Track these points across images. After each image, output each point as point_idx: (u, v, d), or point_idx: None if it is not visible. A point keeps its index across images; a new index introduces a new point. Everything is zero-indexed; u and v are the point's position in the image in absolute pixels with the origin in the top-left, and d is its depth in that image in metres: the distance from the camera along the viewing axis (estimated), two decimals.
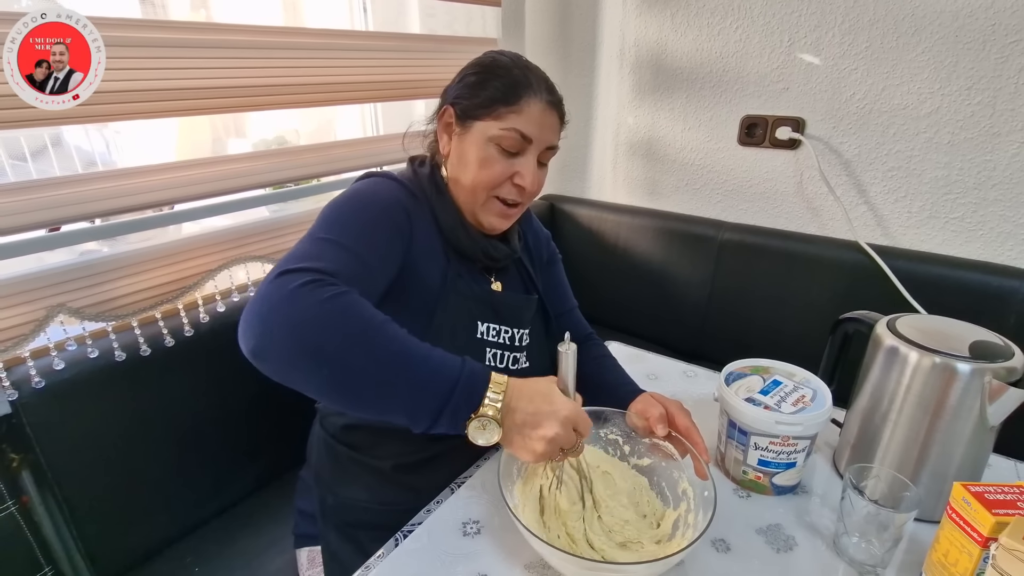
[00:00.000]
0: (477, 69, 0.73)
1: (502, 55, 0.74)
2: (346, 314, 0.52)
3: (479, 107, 0.71)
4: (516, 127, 0.70)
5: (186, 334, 0.91)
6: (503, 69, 0.72)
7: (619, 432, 0.74)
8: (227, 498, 1.00)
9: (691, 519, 0.62)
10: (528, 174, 0.72)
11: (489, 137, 0.70)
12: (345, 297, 0.53)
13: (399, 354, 0.53)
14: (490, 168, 0.71)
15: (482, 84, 0.71)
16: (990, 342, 0.65)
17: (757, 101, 1.41)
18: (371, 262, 0.62)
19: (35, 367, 0.76)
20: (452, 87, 0.76)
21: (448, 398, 0.52)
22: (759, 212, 1.49)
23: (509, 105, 0.70)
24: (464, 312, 0.75)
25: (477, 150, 0.71)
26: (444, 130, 0.76)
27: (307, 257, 0.57)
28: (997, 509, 0.51)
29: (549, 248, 0.97)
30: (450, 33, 1.71)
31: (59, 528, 0.80)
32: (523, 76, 0.71)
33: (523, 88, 0.70)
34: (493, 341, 0.77)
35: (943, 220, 1.25)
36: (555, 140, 0.75)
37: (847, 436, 0.76)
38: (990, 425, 0.63)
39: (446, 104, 0.75)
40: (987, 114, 1.14)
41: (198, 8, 2.37)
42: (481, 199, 0.73)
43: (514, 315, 0.80)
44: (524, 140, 0.70)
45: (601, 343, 0.97)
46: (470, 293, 0.76)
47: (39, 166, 2.37)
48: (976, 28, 1.11)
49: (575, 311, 0.98)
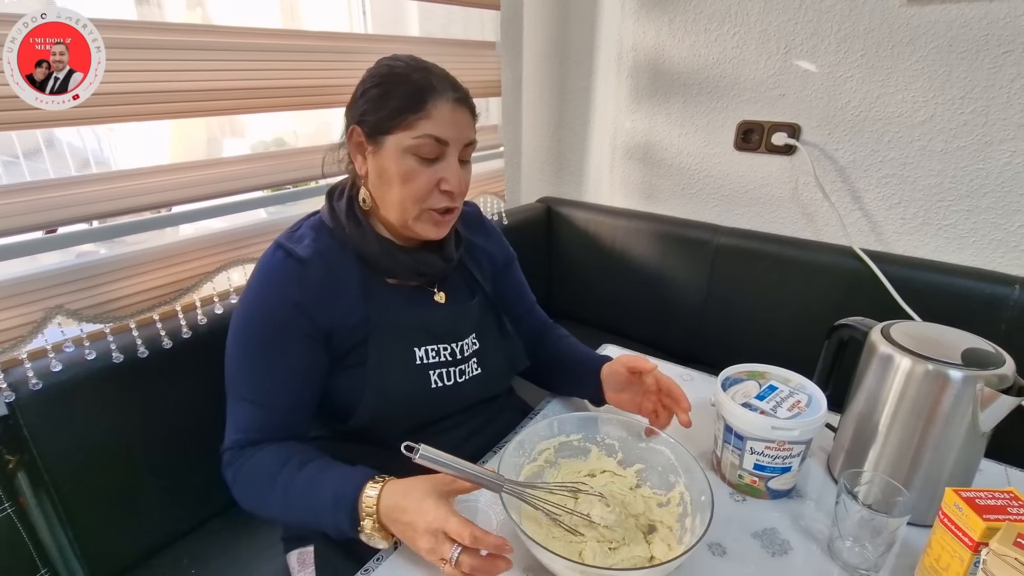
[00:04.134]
0: (376, 81, 0.70)
1: (396, 60, 0.72)
2: (250, 490, 0.69)
3: (386, 120, 0.68)
4: (429, 132, 0.68)
5: (184, 336, 0.90)
6: (401, 77, 0.69)
7: (614, 436, 0.75)
8: (224, 500, 1.00)
9: (688, 523, 0.63)
10: (453, 177, 0.70)
11: (404, 149, 0.68)
12: (247, 473, 0.68)
13: (289, 507, 0.66)
14: (413, 181, 0.69)
15: (384, 96, 0.68)
16: (982, 350, 0.66)
17: (753, 107, 1.42)
18: (278, 401, 0.71)
19: (32, 369, 0.76)
20: (354, 105, 0.73)
21: (333, 526, 0.62)
22: (755, 217, 1.51)
23: (417, 112, 0.67)
24: (397, 346, 0.75)
25: (395, 165, 0.69)
26: (356, 150, 0.73)
27: (231, 429, 0.71)
28: (988, 514, 0.52)
29: (503, 250, 0.95)
30: (449, 36, 1.71)
31: (55, 530, 0.80)
32: (424, 79, 0.69)
33: (427, 91, 0.68)
34: (434, 362, 0.77)
35: (936, 227, 1.26)
36: (471, 135, 0.72)
37: (842, 441, 0.76)
38: (981, 431, 0.64)
39: (352, 124, 0.72)
40: (980, 123, 1.15)
41: (194, 7, 2.36)
42: (413, 213, 0.72)
43: (451, 330, 0.79)
44: (440, 144, 0.69)
45: (562, 329, 0.99)
46: (402, 321, 0.75)
47: (32, 164, 2.35)
48: (969, 38, 1.12)
49: (535, 307, 0.99)
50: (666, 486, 0.70)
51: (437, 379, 0.77)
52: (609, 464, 0.74)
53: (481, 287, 0.86)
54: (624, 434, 0.75)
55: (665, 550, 0.61)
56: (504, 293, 0.93)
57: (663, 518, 0.66)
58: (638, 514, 0.67)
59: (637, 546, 0.62)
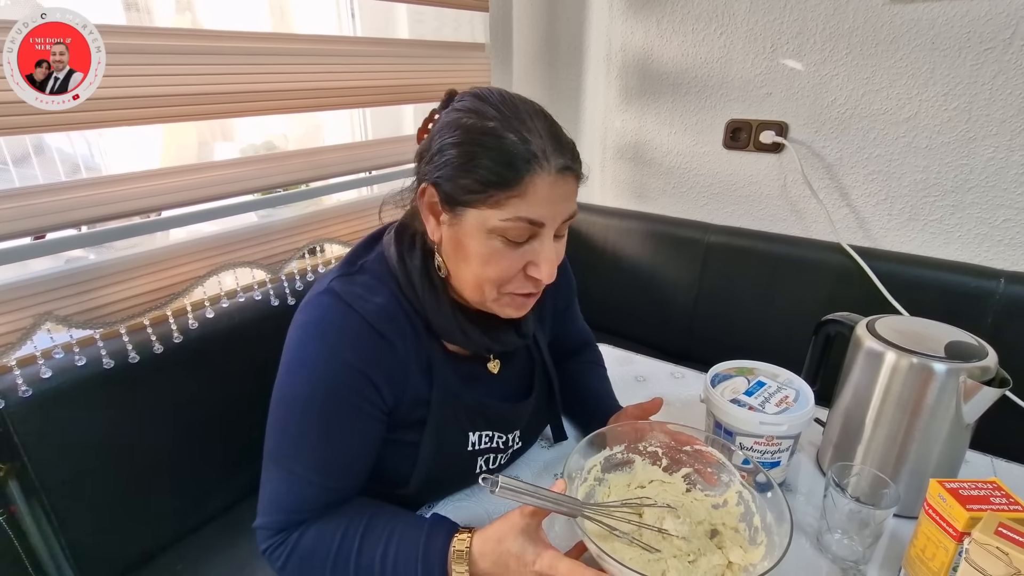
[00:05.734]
0: (459, 138, 0.56)
1: (485, 104, 0.57)
2: (309, 573, 0.60)
3: (470, 192, 0.55)
4: (523, 215, 0.55)
5: (175, 340, 0.90)
6: (492, 137, 0.54)
7: (658, 443, 0.72)
8: (217, 505, 1.00)
9: (757, 522, 0.61)
10: (545, 264, 0.58)
11: (489, 230, 0.56)
12: (302, 556, 0.60)
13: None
14: (496, 265, 0.58)
15: (468, 162, 0.55)
16: (965, 342, 0.67)
17: (741, 106, 1.43)
18: (341, 483, 0.63)
19: (22, 376, 0.76)
20: (427, 157, 0.59)
21: None
22: (744, 215, 1.52)
23: (509, 189, 0.54)
24: (454, 429, 0.68)
25: (476, 244, 0.57)
26: (429, 211, 0.60)
27: (273, 506, 0.62)
28: (971, 504, 0.53)
29: (569, 284, 0.85)
30: (439, 39, 1.71)
31: (47, 538, 0.80)
32: (521, 143, 0.54)
33: (523, 162, 0.54)
34: (485, 448, 0.71)
35: (922, 222, 1.28)
36: (572, 208, 0.60)
37: (830, 435, 0.77)
38: (966, 423, 0.65)
39: (425, 183, 0.59)
40: (963, 119, 1.17)
41: (183, 12, 2.35)
42: (491, 296, 0.61)
43: (507, 423, 0.73)
44: (534, 225, 0.56)
45: (595, 347, 0.95)
46: (459, 404, 0.67)
47: (21, 171, 2.34)
48: (952, 36, 1.13)
49: (576, 327, 0.93)
50: (719, 487, 0.68)
51: (483, 463, 0.73)
52: (655, 473, 0.71)
53: (541, 353, 0.78)
54: (666, 439, 0.72)
55: (741, 554, 0.59)
56: (558, 331, 0.86)
57: (724, 520, 0.64)
58: (701, 520, 0.64)
59: (713, 555, 0.59)
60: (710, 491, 0.68)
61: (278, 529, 0.61)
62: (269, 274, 1.06)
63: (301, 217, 1.14)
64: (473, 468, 0.72)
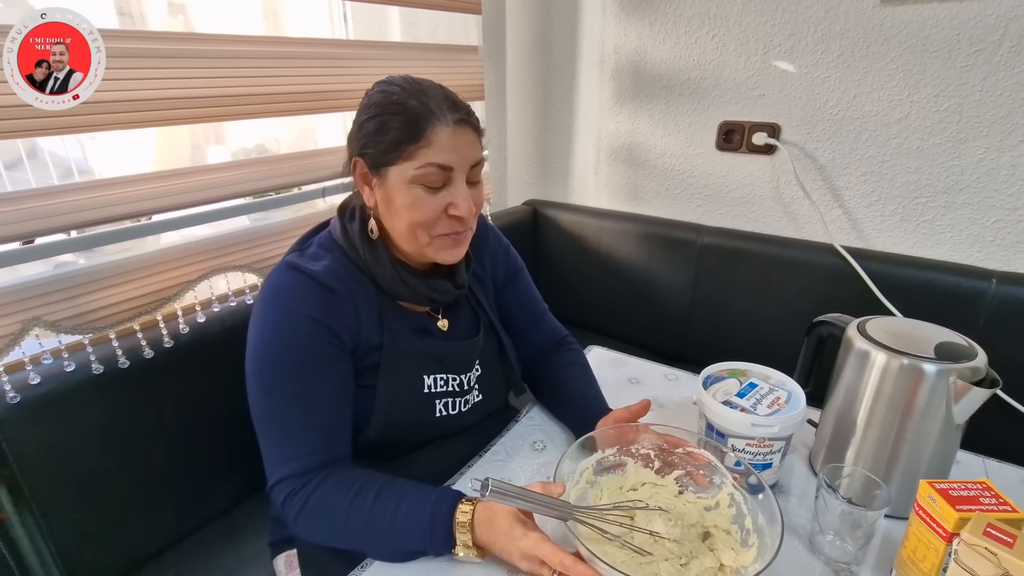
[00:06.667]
0: (372, 112, 0.68)
1: (391, 85, 0.69)
2: (320, 525, 0.65)
3: (387, 152, 0.66)
4: (431, 161, 0.65)
5: (166, 345, 0.90)
6: (397, 105, 0.66)
7: (650, 446, 0.72)
8: (207, 511, 0.99)
9: (748, 524, 0.62)
10: (462, 202, 0.68)
11: (409, 179, 0.66)
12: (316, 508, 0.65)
13: (375, 537, 0.64)
14: (421, 209, 0.68)
15: (382, 128, 0.66)
16: (955, 343, 0.67)
17: (734, 107, 1.44)
18: (330, 419, 0.69)
19: (10, 382, 0.75)
20: (353, 136, 0.71)
21: (427, 549, 0.63)
22: (738, 216, 1.52)
23: (416, 141, 0.65)
24: (408, 371, 0.75)
25: (401, 196, 0.68)
26: (362, 181, 0.71)
27: (280, 461, 0.67)
28: (961, 505, 0.53)
29: (509, 263, 0.92)
30: (432, 42, 1.71)
31: (37, 545, 0.79)
32: (420, 105, 0.66)
33: (424, 118, 0.65)
34: (441, 391, 0.78)
35: (914, 223, 1.28)
36: (477, 155, 0.70)
37: (822, 436, 0.77)
38: (956, 423, 0.65)
39: (354, 156, 0.70)
40: (954, 120, 1.17)
41: (176, 15, 2.34)
42: (424, 240, 0.70)
43: (459, 361, 0.80)
44: (445, 170, 0.67)
45: (575, 348, 0.96)
46: (412, 349, 0.75)
47: (13, 175, 2.32)
48: (942, 38, 1.14)
49: (546, 315, 0.97)
50: (711, 489, 0.68)
51: (442, 408, 0.78)
52: (647, 475, 0.71)
53: (484, 311, 0.86)
54: (658, 441, 0.72)
55: (733, 556, 0.59)
56: (508, 308, 0.92)
57: (716, 522, 0.64)
58: (694, 523, 0.64)
59: (705, 557, 0.59)
60: (702, 493, 0.68)
61: (293, 477, 0.66)
62: (261, 278, 1.05)
63: (293, 220, 1.14)
64: (432, 412, 0.77)
